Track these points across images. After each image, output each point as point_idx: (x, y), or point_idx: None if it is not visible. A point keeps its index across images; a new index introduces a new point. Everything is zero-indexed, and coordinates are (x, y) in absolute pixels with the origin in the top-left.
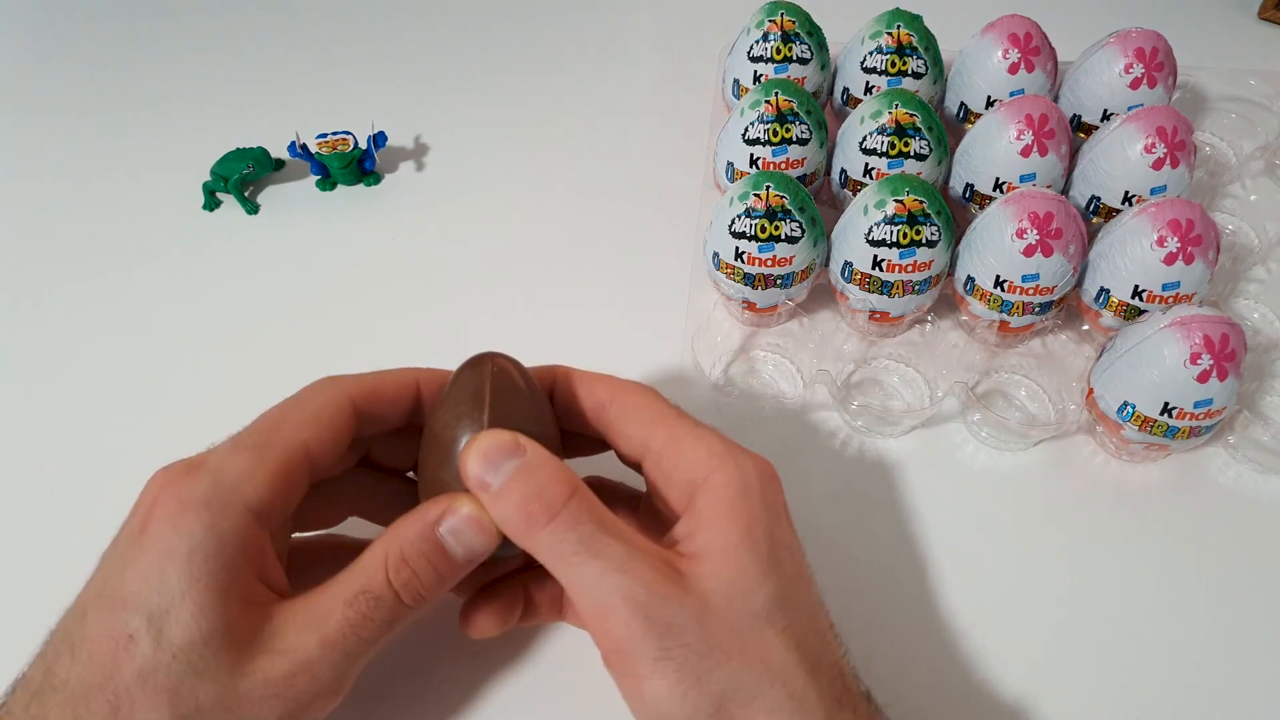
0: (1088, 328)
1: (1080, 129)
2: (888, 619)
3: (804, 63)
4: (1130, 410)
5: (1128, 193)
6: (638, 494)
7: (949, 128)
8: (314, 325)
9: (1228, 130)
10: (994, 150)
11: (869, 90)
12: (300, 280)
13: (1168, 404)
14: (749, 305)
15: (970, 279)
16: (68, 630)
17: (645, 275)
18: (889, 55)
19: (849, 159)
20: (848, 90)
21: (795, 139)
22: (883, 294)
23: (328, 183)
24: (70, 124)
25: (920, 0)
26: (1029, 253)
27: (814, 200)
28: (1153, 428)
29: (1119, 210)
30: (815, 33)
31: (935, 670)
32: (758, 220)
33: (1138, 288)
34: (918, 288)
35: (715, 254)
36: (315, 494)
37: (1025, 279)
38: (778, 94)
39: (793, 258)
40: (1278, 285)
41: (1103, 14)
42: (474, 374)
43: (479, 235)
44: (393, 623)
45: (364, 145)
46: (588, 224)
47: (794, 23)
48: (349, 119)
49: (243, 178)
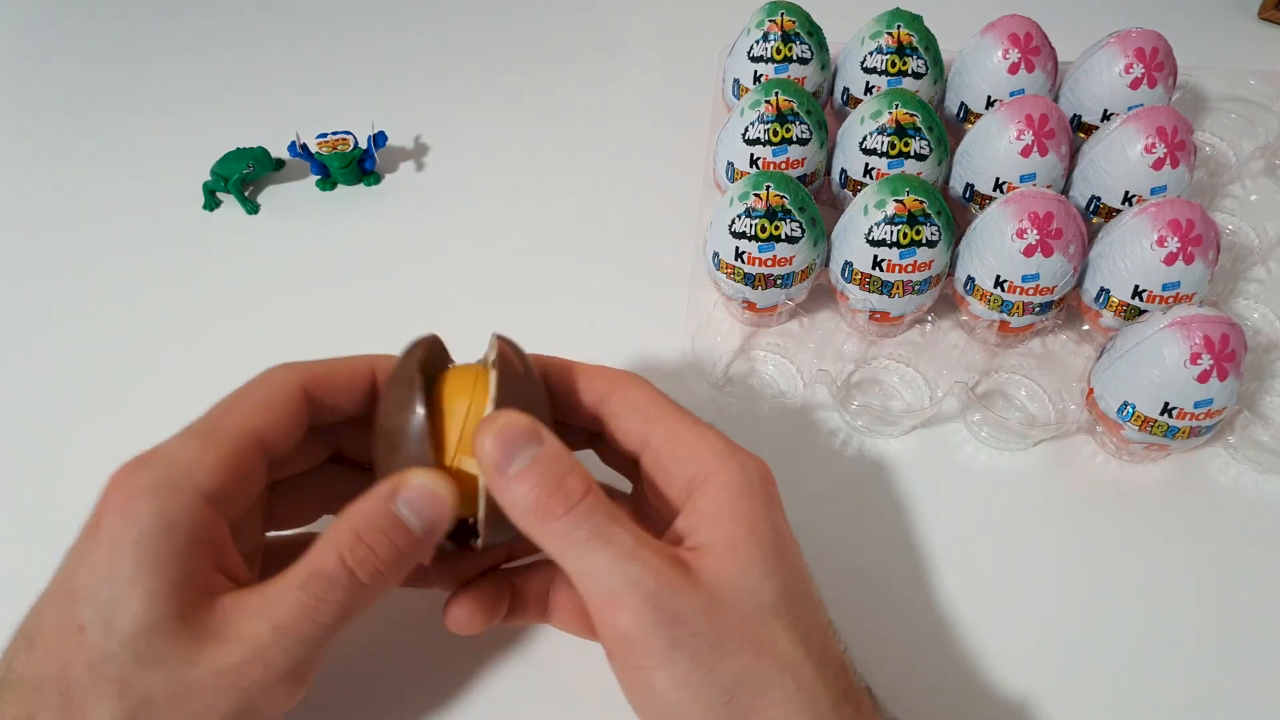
0: (1088, 328)
1: (1080, 129)
2: (887, 618)
3: (804, 63)
4: (1130, 410)
5: (1128, 193)
6: (624, 494)
7: (949, 128)
8: (314, 325)
9: (1228, 130)
10: (994, 150)
11: (869, 90)
12: (300, 280)
13: (1168, 404)
14: (749, 305)
15: (970, 279)
16: (26, 626)
17: (645, 275)
18: (889, 55)
19: (849, 159)
20: (848, 90)
21: (795, 139)
22: (883, 294)
23: (328, 183)
24: (70, 124)
25: (920, 0)
26: (1029, 253)
27: (814, 200)
28: (1153, 428)
29: (1119, 210)
30: (815, 33)
31: (934, 670)
32: (758, 220)
33: (1138, 288)
34: (918, 288)
35: (715, 254)
36: (287, 491)
37: (1025, 279)
38: (778, 94)
39: (793, 258)
40: (1278, 285)
41: (1103, 14)
42: (405, 360)
43: (479, 235)
44: (349, 604)
45: (364, 145)
46: (588, 224)
47: (794, 23)
48: (349, 119)
49: (243, 177)
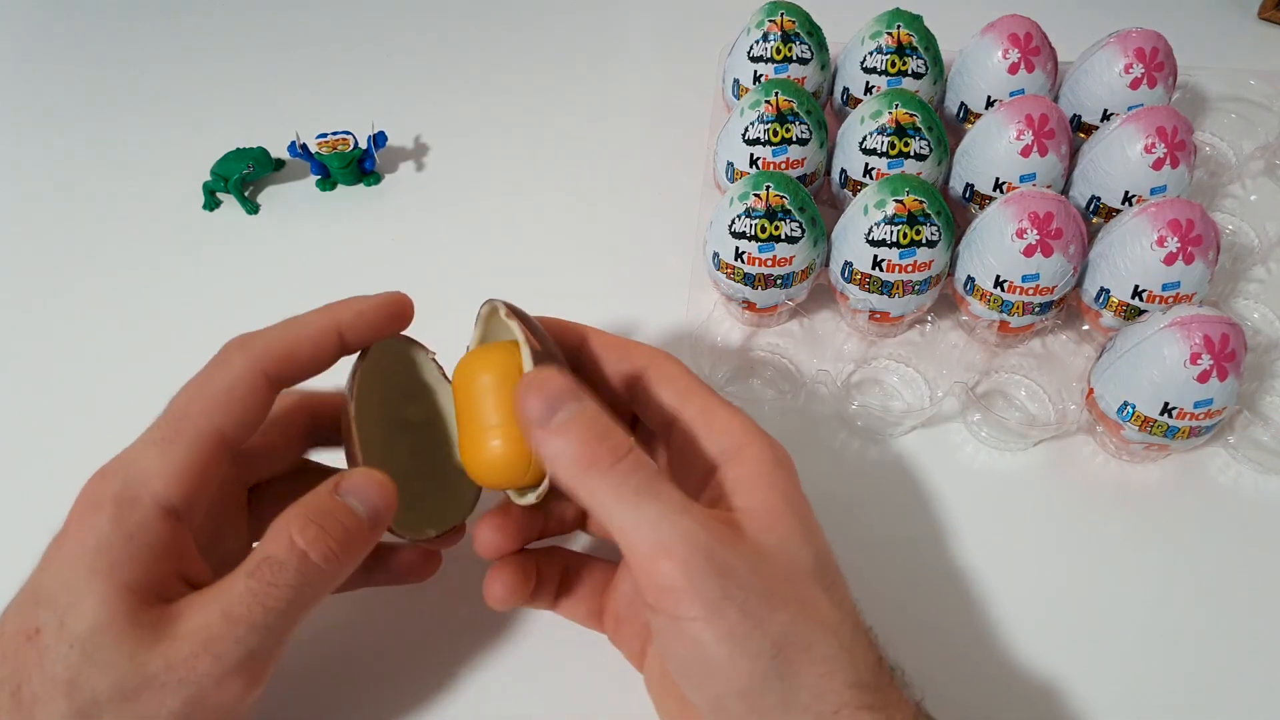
0: (1088, 328)
1: (1080, 129)
2: (886, 618)
3: (804, 63)
4: (1130, 410)
5: (1128, 193)
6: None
7: (949, 128)
8: None
9: (1228, 130)
10: (994, 150)
11: (869, 90)
12: (300, 280)
13: (1168, 404)
14: (749, 305)
15: (970, 279)
16: None
17: (645, 275)
18: (889, 55)
19: (849, 159)
20: (848, 90)
21: (795, 139)
22: (883, 294)
23: (328, 183)
24: (70, 124)
25: (920, 0)
26: (1029, 253)
27: (814, 200)
28: (1153, 428)
29: (1119, 210)
30: (815, 32)
31: (934, 670)
32: (758, 220)
33: (1138, 288)
34: (918, 288)
35: (715, 254)
36: (271, 501)
37: (1025, 279)
38: (778, 94)
39: (793, 258)
40: (1278, 285)
41: (1103, 14)
42: (360, 362)
43: (478, 235)
44: (301, 588)
45: (364, 145)
46: (588, 224)
47: (794, 23)
48: (349, 119)
49: (243, 177)
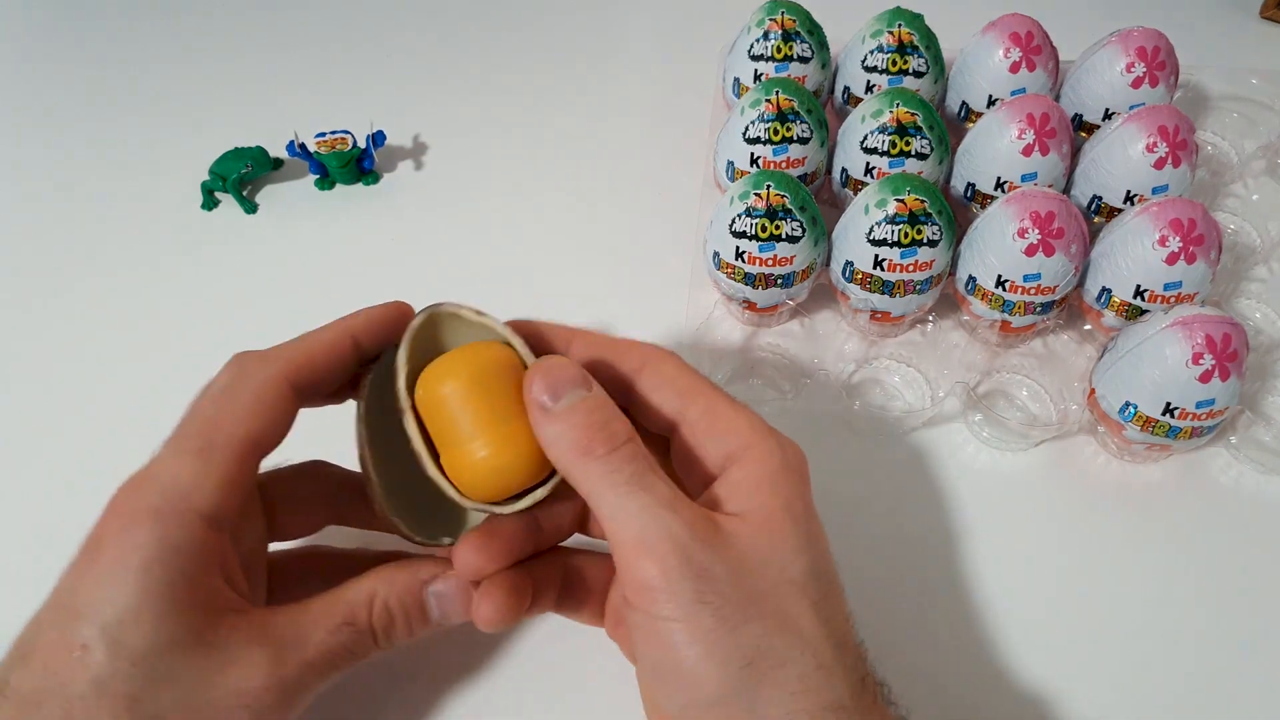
0: (1089, 328)
1: (1082, 128)
2: (887, 619)
3: (804, 61)
4: (1132, 410)
5: (1129, 192)
6: None
7: (950, 127)
8: (313, 324)
9: (1229, 129)
10: (995, 149)
11: (870, 89)
12: (299, 279)
13: (1170, 404)
14: (749, 305)
15: (972, 278)
16: (22, 642)
17: (645, 275)
18: (890, 54)
19: (850, 158)
20: (848, 89)
21: (796, 138)
22: (884, 294)
23: (326, 182)
24: (69, 124)
25: None
26: (1030, 252)
27: (815, 199)
28: (1155, 428)
29: (1121, 210)
30: (816, 31)
31: (934, 670)
32: (758, 220)
33: (1139, 287)
34: (919, 287)
35: (715, 253)
36: (286, 500)
37: (1027, 278)
38: (778, 93)
39: (793, 257)
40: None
41: (1104, 13)
42: (372, 365)
43: (478, 235)
44: (362, 657)
45: (363, 144)
46: (587, 223)
47: (794, 21)
48: (348, 118)
49: (241, 177)
